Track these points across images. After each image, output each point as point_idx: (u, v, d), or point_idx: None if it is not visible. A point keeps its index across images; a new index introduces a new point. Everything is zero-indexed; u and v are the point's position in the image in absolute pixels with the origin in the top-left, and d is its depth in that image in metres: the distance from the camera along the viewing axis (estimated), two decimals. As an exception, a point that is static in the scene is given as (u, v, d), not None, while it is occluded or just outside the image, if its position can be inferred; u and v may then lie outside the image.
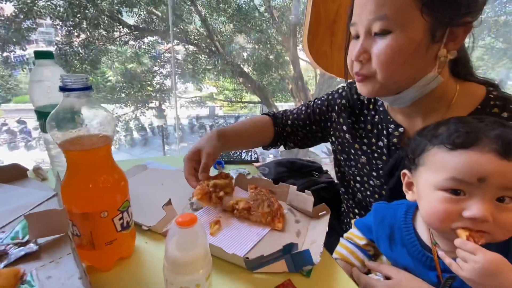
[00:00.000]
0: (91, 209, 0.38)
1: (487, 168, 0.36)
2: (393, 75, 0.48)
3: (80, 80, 0.34)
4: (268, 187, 0.67)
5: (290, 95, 8.71)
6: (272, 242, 0.52)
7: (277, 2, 7.36)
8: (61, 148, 0.36)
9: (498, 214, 0.36)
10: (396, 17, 0.44)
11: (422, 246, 0.45)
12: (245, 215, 0.58)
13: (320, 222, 0.56)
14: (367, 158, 0.65)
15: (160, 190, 0.67)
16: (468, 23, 0.45)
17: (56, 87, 0.58)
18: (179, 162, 0.85)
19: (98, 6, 5.36)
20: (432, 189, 0.41)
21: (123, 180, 0.42)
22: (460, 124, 0.40)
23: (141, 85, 7.56)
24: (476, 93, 0.52)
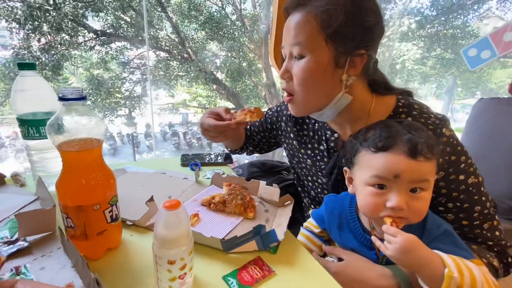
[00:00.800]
0: (85, 202, 0.43)
1: (400, 167, 0.46)
2: (308, 93, 0.58)
3: (77, 92, 0.40)
4: (241, 183, 0.75)
5: (263, 101, 8.93)
6: (245, 228, 0.61)
7: (248, 11, 7.57)
8: (58, 149, 0.42)
9: (412, 203, 0.46)
10: (307, 44, 0.55)
11: (364, 231, 0.56)
12: (221, 207, 0.65)
13: (285, 210, 0.66)
14: (311, 160, 0.76)
15: (140, 191, 0.73)
16: (363, 54, 0.55)
17: (38, 96, 0.62)
18: (156, 165, 0.90)
19: (61, 10, 5.12)
20: (363, 184, 0.50)
21: (112, 177, 0.48)
22: (384, 129, 0.50)
23: (108, 92, 7.27)
24: (388, 103, 0.62)
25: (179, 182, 0.79)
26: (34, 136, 0.63)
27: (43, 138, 0.64)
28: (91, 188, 0.43)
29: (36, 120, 0.63)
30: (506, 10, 7.33)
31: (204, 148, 11.67)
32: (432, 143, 0.47)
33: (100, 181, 0.45)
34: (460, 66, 8.22)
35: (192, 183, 0.80)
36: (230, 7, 7.54)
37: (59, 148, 0.42)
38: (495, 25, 8.14)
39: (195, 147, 11.68)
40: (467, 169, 0.56)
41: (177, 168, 0.91)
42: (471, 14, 7.80)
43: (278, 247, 0.54)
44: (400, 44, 7.97)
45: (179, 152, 10.81)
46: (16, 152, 8.12)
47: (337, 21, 0.52)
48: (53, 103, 0.65)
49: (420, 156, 0.46)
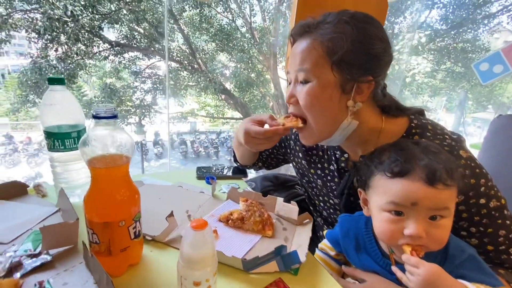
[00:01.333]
0: (112, 218, 0.44)
1: (417, 195, 0.44)
2: (317, 117, 0.58)
3: (110, 110, 0.41)
4: (258, 199, 0.75)
5: (271, 111, 8.98)
6: (264, 247, 0.60)
7: (258, 24, 7.74)
8: (88, 165, 0.43)
9: (431, 230, 0.44)
10: (313, 70, 0.55)
11: (382, 254, 0.54)
12: (239, 224, 0.65)
13: (305, 229, 0.65)
14: (322, 181, 0.74)
15: (158, 204, 0.73)
16: (370, 81, 0.55)
17: (65, 110, 0.64)
18: (172, 177, 0.91)
19: (78, 22, 5.33)
20: (379, 210, 0.49)
21: (137, 193, 0.48)
22: (400, 152, 0.48)
23: (120, 100, 7.44)
24: (400, 124, 0.61)
25: (196, 196, 0.80)
26: (59, 149, 0.65)
27: (68, 150, 0.66)
28: (118, 204, 0.44)
29: (61, 133, 0.64)
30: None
31: (211, 157, 11.72)
32: (452, 167, 0.45)
33: (126, 197, 0.45)
34: (470, 80, 8.13)
35: (209, 197, 0.79)
36: (240, 20, 7.73)
37: (89, 164, 0.42)
38: (505, 39, 8.08)
39: (202, 156, 11.73)
40: (488, 192, 0.54)
41: (193, 181, 0.92)
42: (481, 28, 7.77)
43: (299, 268, 0.53)
44: (410, 57, 7.97)
45: (186, 160, 10.87)
46: (28, 157, 8.31)
47: (342, 49, 0.52)
48: (78, 116, 0.67)
49: (439, 184, 0.44)
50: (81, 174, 0.69)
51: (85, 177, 0.70)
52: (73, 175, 0.68)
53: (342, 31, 0.53)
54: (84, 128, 0.68)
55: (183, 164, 10.98)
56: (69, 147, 0.65)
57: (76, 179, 0.69)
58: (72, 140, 0.65)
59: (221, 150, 11.83)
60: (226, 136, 12.38)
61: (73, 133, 0.66)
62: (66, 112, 0.65)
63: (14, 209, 0.65)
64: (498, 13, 7.45)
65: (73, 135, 0.66)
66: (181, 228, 0.63)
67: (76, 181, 0.69)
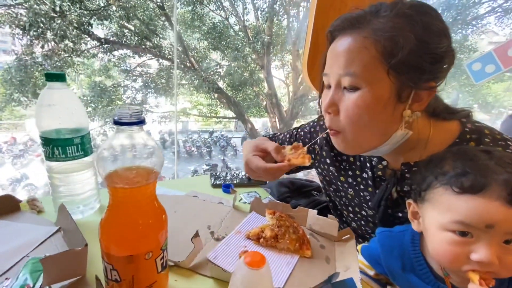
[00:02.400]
0: (137, 250, 0.34)
1: (495, 217, 0.37)
2: (361, 132, 0.49)
3: (136, 114, 0.32)
4: (286, 211, 0.67)
5: (264, 111, 8.91)
6: (305, 271, 0.52)
7: (251, 22, 7.64)
8: (107, 184, 0.33)
9: (505, 256, 0.38)
10: (364, 75, 0.46)
11: (435, 277, 0.46)
12: (273, 243, 0.56)
13: (347, 247, 0.57)
14: (354, 190, 0.66)
15: (176, 220, 0.64)
16: (432, 88, 0.47)
17: (66, 111, 0.54)
18: (185, 186, 0.81)
19: (66, 18, 5.10)
20: (439, 228, 0.42)
21: (164, 213, 0.39)
22: (468, 163, 0.40)
23: (110, 99, 7.20)
24: (451, 129, 0.54)
25: (215, 208, 0.71)
26: (59, 157, 0.55)
27: (70, 159, 0.56)
28: (145, 233, 0.35)
29: (62, 139, 0.54)
30: (503, 26, 7.47)
31: (204, 156, 11.57)
32: None
33: (153, 222, 0.36)
34: (460, 80, 8.30)
35: (230, 209, 0.71)
36: (233, 18, 7.60)
37: (108, 183, 0.33)
38: (490, 40, 8.29)
39: (194, 155, 11.57)
40: None
41: (208, 189, 0.83)
42: (469, 29, 7.94)
43: (353, 298, 0.45)
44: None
45: (179, 160, 10.69)
46: (13, 158, 7.96)
47: (403, 50, 0.43)
48: (81, 119, 0.57)
49: None
50: (85, 186, 0.59)
51: (90, 190, 0.60)
52: (76, 188, 0.58)
53: (403, 27, 0.44)
54: (88, 133, 0.58)
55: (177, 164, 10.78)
56: (71, 155, 0.55)
57: (79, 192, 0.59)
58: (74, 147, 0.55)
59: (214, 149, 11.69)
60: (219, 135, 12.25)
61: (76, 139, 0.56)
62: (67, 114, 0.55)
63: (4, 230, 0.54)
64: (486, 14, 7.63)
65: (76, 141, 0.56)
66: (207, 250, 0.54)
67: (79, 195, 0.59)
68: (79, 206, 0.60)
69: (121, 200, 0.34)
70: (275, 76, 8.54)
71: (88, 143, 0.58)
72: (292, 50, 7.92)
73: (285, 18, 7.72)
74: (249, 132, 8.47)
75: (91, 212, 0.63)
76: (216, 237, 0.59)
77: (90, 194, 0.61)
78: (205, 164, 9.67)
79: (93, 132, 7.37)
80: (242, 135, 11.72)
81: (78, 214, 0.60)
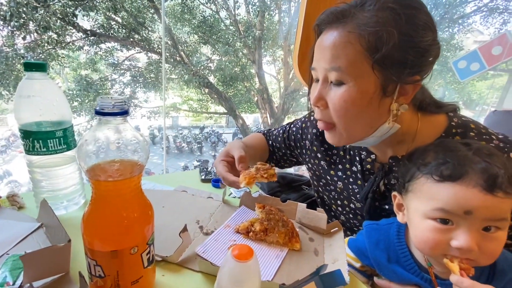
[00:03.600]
0: (121, 245, 0.33)
1: (473, 203, 0.38)
2: (350, 124, 0.50)
3: (120, 104, 0.30)
4: (276, 205, 0.67)
5: (255, 106, 8.89)
6: (294, 264, 0.52)
7: (242, 16, 7.55)
8: (89, 178, 0.32)
9: (484, 243, 0.39)
10: (349, 70, 0.46)
11: (419, 267, 0.48)
12: (262, 236, 0.56)
13: (335, 239, 0.58)
14: (343, 183, 0.67)
15: (163, 215, 0.63)
16: (416, 81, 0.47)
17: (48, 103, 0.52)
18: (173, 181, 0.80)
19: (50, 8, 4.89)
20: (421, 217, 0.43)
21: (150, 208, 0.38)
22: (448, 153, 0.41)
23: (97, 93, 7.01)
24: (438, 122, 0.55)
25: (205, 203, 0.70)
26: (40, 151, 0.53)
27: (51, 153, 0.54)
28: (130, 227, 0.34)
29: (43, 132, 0.52)
30: (488, 25, 7.67)
31: (194, 152, 11.47)
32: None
33: (139, 216, 0.35)
34: (446, 77, 8.51)
35: (219, 204, 0.70)
36: (224, 12, 7.49)
37: (91, 176, 0.32)
38: (475, 38, 8.52)
39: (185, 151, 11.45)
40: None
41: (197, 184, 0.82)
42: (456, 28, 8.12)
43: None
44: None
45: (169, 156, 10.57)
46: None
47: (387, 45, 0.43)
48: (63, 111, 0.55)
49: (499, 191, 0.37)
50: (69, 181, 0.57)
51: (73, 185, 0.58)
52: (59, 183, 0.56)
53: (387, 22, 0.43)
54: (71, 125, 0.56)
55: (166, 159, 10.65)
56: (52, 149, 0.53)
57: (62, 187, 0.57)
58: (56, 140, 0.53)
59: (204, 145, 11.61)
60: (209, 131, 12.15)
61: (58, 131, 0.53)
62: (48, 105, 0.52)
63: (-18, 227, 0.52)
64: (472, 14, 7.82)
65: (58, 134, 0.53)
66: (195, 245, 0.53)
67: (62, 190, 0.57)
68: (62, 201, 0.58)
69: (105, 194, 0.33)
70: (267, 71, 8.51)
71: (71, 136, 0.56)
72: (283, 46, 7.89)
73: (277, 13, 7.67)
74: (240, 128, 8.44)
75: (75, 207, 0.61)
76: (205, 231, 0.58)
77: (74, 189, 0.59)
78: (196, 160, 9.60)
79: (80, 127, 7.16)
80: (233, 130, 11.67)
81: (61, 210, 0.58)
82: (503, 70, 5.50)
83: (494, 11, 7.42)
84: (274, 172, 0.59)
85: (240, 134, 9.23)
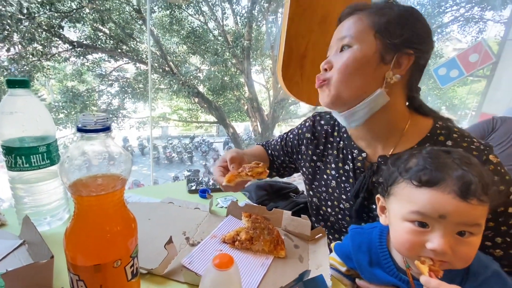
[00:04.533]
0: (105, 259, 0.34)
1: (447, 208, 0.40)
2: (346, 79, 0.56)
3: (102, 121, 0.32)
4: (262, 213, 0.68)
5: (246, 115, 8.93)
6: (279, 271, 0.53)
7: (230, 27, 7.67)
8: (72, 193, 0.33)
9: (457, 247, 0.40)
10: (356, 35, 0.56)
11: (398, 269, 0.50)
12: (247, 245, 0.57)
13: (319, 245, 0.59)
14: (336, 182, 0.70)
15: (149, 227, 0.63)
16: (411, 54, 0.55)
17: (30, 119, 0.52)
18: (160, 193, 0.80)
19: (35, 20, 4.83)
20: (400, 219, 0.45)
21: (133, 221, 0.39)
22: (429, 160, 0.44)
23: (84, 105, 6.89)
24: (425, 123, 0.60)
25: (191, 214, 0.70)
26: (23, 167, 0.52)
27: (35, 168, 0.53)
28: (112, 240, 0.34)
29: (26, 147, 0.52)
30: (465, 34, 8.08)
31: (185, 162, 11.34)
32: (488, 182, 0.41)
33: (122, 230, 0.36)
34: (428, 83, 8.85)
35: (206, 214, 0.71)
36: (212, 22, 7.59)
37: (73, 192, 0.32)
38: (454, 46, 8.93)
39: (175, 161, 11.32)
40: None
41: (184, 195, 0.82)
42: (435, 37, 8.52)
43: (324, 294, 0.47)
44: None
45: (159, 167, 10.42)
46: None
47: (388, 20, 0.54)
48: (46, 126, 0.55)
49: (473, 198, 0.40)
50: (52, 196, 0.57)
51: (57, 200, 0.58)
52: (42, 199, 0.56)
53: (390, 6, 0.56)
54: (55, 140, 0.56)
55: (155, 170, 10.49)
56: (35, 164, 0.53)
57: (45, 203, 0.56)
58: (39, 156, 0.53)
59: (195, 155, 11.51)
60: (200, 140, 12.08)
61: (41, 147, 0.53)
62: (31, 121, 0.53)
63: (-39, 246, 0.51)
64: (449, 23, 8.22)
65: (41, 149, 0.53)
66: (181, 256, 0.53)
67: (45, 205, 0.56)
68: (46, 217, 0.58)
69: (87, 209, 0.33)
70: (256, 80, 8.61)
71: (55, 151, 0.56)
72: (271, 55, 8.03)
73: (264, 24, 7.84)
74: (231, 137, 8.45)
75: (59, 223, 0.60)
76: (191, 242, 0.59)
77: (58, 204, 0.59)
78: (186, 170, 9.49)
79: (65, 139, 6.99)
80: (224, 139, 11.64)
81: (45, 226, 0.57)
82: (481, 76, 5.76)
83: (470, 21, 7.83)
84: (263, 170, 0.61)
85: (231, 142, 9.22)
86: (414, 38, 0.55)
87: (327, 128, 0.75)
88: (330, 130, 0.74)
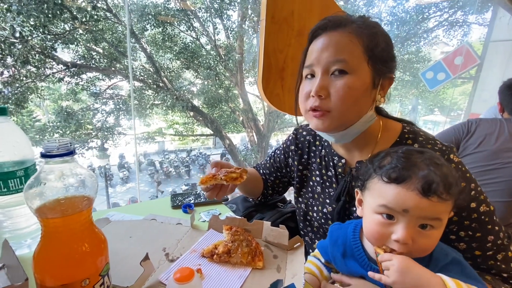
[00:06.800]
0: (72, 278, 0.35)
1: (410, 203, 0.44)
2: (347, 109, 0.57)
3: (64, 146, 0.34)
4: (243, 225, 0.69)
5: (241, 126, 8.99)
6: (256, 282, 0.54)
7: (222, 41, 7.83)
8: (37, 216, 0.34)
9: (418, 238, 0.45)
10: (352, 62, 0.56)
11: (369, 259, 0.53)
12: (226, 258, 0.58)
13: (296, 254, 0.60)
14: (321, 187, 0.75)
15: (130, 245, 0.63)
16: (391, 78, 0.61)
17: (8, 144, 0.54)
18: (144, 210, 0.81)
19: (28, 43, 4.91)
20: (371, 211, 0.50)
21: (103, 241, 0.40)
22: (401, 160, 0.48)
23: (79, 124, 6.91)
24: (394, 129, 0.65)
25: (173, 229, 0.71)
26: (1, 192, 0.54)
27: (13, 193, 0.55)
28: (79, 260, 0.36)
29: (4, 172, 0.54)
30: (451, 38, 8.32)
31: (182, 176, 11.29)
32: (451, 182, 0.45)
33: (89, 249, 0.37)
34: (419, 87, 9.03)
35: (188, 229, 0.72)
36: (204, 38, 7.75)
37: (39, 214, 0.34)
38: (442, 50, 9.17)
39: (172, 176, 11.26)
40: (478, 197, 0.55)
41: (168, 211, 0.83)
42: (422, 42, 8.77)
43: (297, 302, 0.48)
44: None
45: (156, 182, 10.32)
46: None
47: (378, 47, 0.57)
48: (24, 151, 0.57)
49: (433, 196, 0.44)
50: (31, 219, 0.58)
51: (35, 223, 0.59)
52: (20, 222, 0.57)
53: (376, 31, 0.58)
54: (33, 164, 0.58)
55: (153, 186, 10.41)
56: (14, 189, 0.55)
57: (23, 226, 0.57)
58: (17, 180, 0.55)
59: (193, 168, 11.47)
60: (197, 153, 12.07)
61: (19, 171, 0.55)
62: (9, 146, 0.54)
63: None
64: (434, 28, 8.48)
65: (19, 173, 0.55)
66: (160, 272, 0.54)
67: (23, 229, 0.57)
68: (26, 240, 0.58)
69: (54, 230, 0.35)
70: (250, 91, 8.72)
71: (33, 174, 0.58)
72: (263, 67, 8.14)
73: (255, 37, 8.01)
74: (228, 148, 8.46)
75: (40, 245, 0.61)
76: (170, 258, 0.60)
77: (38, 226, 0.60)
78: (184, 184, 9.44)
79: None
80: (221, 151, 11.65)
81: (25, 248, 0.58)
82: (468, 78, 5.91)
83: (454, 25, 8.09)
84: (237, 176, 0.64)
85: (228, 154, 9.23)
86: (392, 62, 0.60)
87: (309, 138, 0.80)
88: (312, 140, 0.79)
